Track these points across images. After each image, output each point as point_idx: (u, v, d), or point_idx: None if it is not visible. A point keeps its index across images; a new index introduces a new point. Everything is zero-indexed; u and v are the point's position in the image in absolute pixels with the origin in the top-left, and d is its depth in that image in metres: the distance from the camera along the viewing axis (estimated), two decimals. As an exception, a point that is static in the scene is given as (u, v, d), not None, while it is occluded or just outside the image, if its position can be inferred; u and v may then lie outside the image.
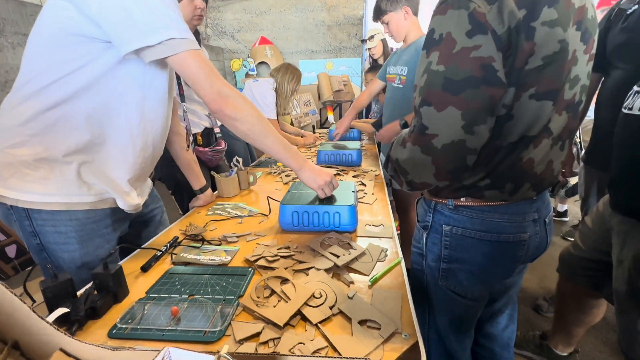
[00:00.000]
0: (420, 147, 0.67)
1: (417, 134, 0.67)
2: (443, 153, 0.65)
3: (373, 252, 0.89)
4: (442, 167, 0.66)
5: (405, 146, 0.71)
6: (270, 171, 1.76)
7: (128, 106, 0.84)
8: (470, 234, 0.77)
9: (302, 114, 3.31)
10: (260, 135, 0.89)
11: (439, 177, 0.68)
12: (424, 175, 0.69)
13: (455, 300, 0.84)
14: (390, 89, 1.79)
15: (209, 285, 0.76)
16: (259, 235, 1.02)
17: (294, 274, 0.79)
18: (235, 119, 0.85)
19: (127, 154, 0.89)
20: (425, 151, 0.66)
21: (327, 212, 1.00)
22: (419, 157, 0.68)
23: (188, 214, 1.24)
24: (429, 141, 0.65)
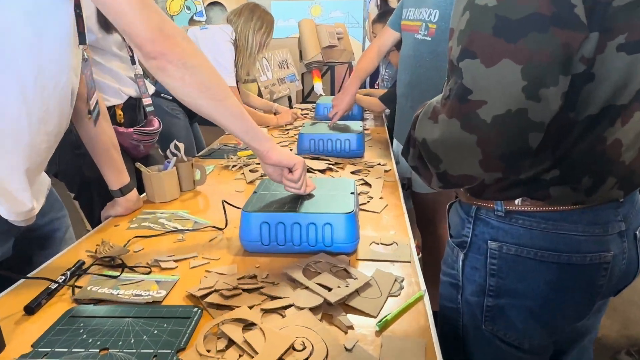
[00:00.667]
0: (460, 120, 0.67)
1: (456, 101, 0.67)
2: (494, 129, 0.65)
3: (382, 283, 0.89)
4: (493, 151, 0.67)
5: (436, 120, 0.71)
6: (227, 164, 1.76)
7: (16, 50, 0.83)
8: (529, 254, 0.78)
9: (276, 81, 3.31)
10: (217, 97, 0.91)
11: (488, 165, 0.68)
12: (465, 164, 0.70)
13: (505, 353, 0.85)
14: (410, 43, 1.81)
15: (131, 334, 0.75)
16: (209, 259, 1.02)
17: (264, 316, 0.79)
18: (185, 66, 0.86)
19: (20, 130, 0.88)
20: (467, 127, 0.67)
21: (313, 223, 1.00)
22: (458, 136, 0.68)
23: (100, 227, 1.23)
24: (474, 111, 0.65)
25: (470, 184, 0.74)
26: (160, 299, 0.86)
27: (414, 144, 0.79)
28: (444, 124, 0.70)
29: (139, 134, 1.56)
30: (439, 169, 0.73)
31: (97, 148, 1.20)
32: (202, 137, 2.54)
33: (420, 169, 0.80)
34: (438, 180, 0.76)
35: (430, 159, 0.74)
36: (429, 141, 0.73)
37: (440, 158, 0.72)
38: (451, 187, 0.77)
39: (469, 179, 0.73)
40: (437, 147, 0.72)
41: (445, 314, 0.94)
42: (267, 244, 1.02)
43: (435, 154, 0.72)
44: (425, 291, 0.88)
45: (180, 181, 1.44)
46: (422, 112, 0.77)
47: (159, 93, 2.06)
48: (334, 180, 1.24)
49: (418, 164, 0.80)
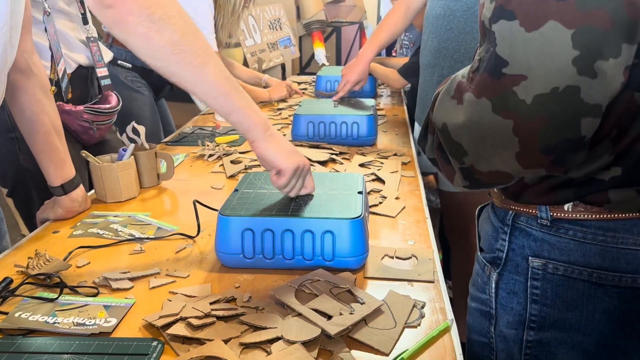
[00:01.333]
0: (491, 101, 0.67)
1: (487, 75, 0.68)
2: (536, 112, 0.65)
3: (397, 310, 0.88)
4: (534, 141, 0.66)
5: (461, 100, 0.72)
6: (201, 153, 1.76)
7: None
8: (582, 275, 0.78)
9: (266, 46, 3.29)
10: (194, 61, 0.91)
11: (528, 160, 0.68)
12: (497, 158, 0.70)
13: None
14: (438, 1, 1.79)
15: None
16: (175, 277, 1.01)
17: (244, 352, 0.79)
18: (151, 19, 0.85)
19: None
20: (501, 109, 0.67)
21: (309, 230, 0.99)
22: (489, 122, 0.68)
23: (34, 234, 1.22)
24: (510, 89, 0.65)
25: (504, 183, 0.74)
26: (109, 329, 0.84)
27: (432, 129, 0.78)
28: (471, 105, 0.70)
29: (92, 112, 1.56)
30: (463, 163, 0.74)
31: (33, 131, 1.19)
32: (170, 117, 2.54)
33: (440, 162, 0.80)
34: (462, 178, 0.76)
35: (452, 151, 0.74)
36: (450, 127, 0.73)
37: (464, 149, 0.72)
38: (479, 187, 0.77)
39: (502, 177, 0.72)
40: (461, 135, 0.72)
41: (474, 350, 0.94)
42: (251, 258, 1.01)
43: (458, 144, 0.73)
44: (453, 321, 0.87)
45: (140, 175, 1.43)
46: (444, 90, 0.76)
47: (115, 60, 2.05)
48: (337, 175, 1.22)
49: (437, 156, 0.80)
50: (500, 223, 0.86)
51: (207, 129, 2.11)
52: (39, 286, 0.97)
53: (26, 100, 1.17)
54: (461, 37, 1.72)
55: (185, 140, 1.95)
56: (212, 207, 1.22)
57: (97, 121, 1.59)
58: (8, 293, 0.93)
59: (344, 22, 4.12)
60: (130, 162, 1.37)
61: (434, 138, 0.81)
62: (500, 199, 0.85)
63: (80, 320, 0.86)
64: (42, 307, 0.90)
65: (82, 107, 1.55)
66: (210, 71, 0.94)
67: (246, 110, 1.00)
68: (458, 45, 1.73)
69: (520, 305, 0.83)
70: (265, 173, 1.22)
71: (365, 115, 1.78)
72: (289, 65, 3.57)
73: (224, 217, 1.01)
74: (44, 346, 0.80)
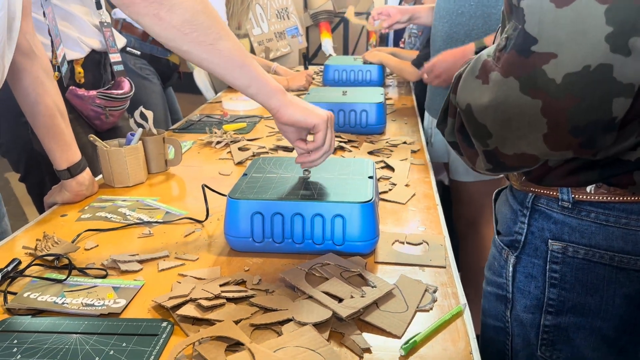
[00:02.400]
0: (519, 80, 0.66)
1: (515, 53, 0.67)
2: (566, 92, 0.64)
3: (409, 294, 0.88)
4: (563, 122, 0.65)
5: (487, 79, 0.70)
6: (209, 140, 1.76)
7: None
8: (603, 258, 0.77)
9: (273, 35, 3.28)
10: (207, 39, 0.91)
11: (556, 141, 0.67)
12: (524, 139, 0.69)
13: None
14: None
15: (80, 355, 0.74)
16: (184, 260, 1.01)
17: (254, 333, 0.78)
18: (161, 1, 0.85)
19: None
20: (529, 89, 0.66)
21: (319, 214, 0.98)
22: (516, 102, 0.67)
23: (42, 217, 1.22)
24: (539, 68, 0.64)
25: (528, 166, 0.73)
26: (118, 310, 0.84)
27: (453, 112, 0.78)
28: (497, 84, 0.68)
29: (104, 98, 1.56)
30: (487, 145, 0.72)
31: (37, 114, 1.19)
32: (178, 106, 2.53)
33: (462, 145, 0.79)
34: (486, 161, 0.75)
35: (476, 132, 0.73)
36: (475, 108, 0.72)
37: (489, 131, 0.71)
38: (503, 170, 0.76)
39: (528, 160, 0.71)
40: (486, 116, 0.71)
41: (488, 335, 0.93)
42: (260, 241, 1.00)
43: (482, 125, 0.71)
44: (466, 305, 0.87)
45: (148, 160, 1.42)
46: (468, 69, 0.75)
47: (124, 47, 2.05)
48: (347, 160, 1.21)
49: (459, 139, 0.79)
50: (519, 206, 0.85)
51: (215, 117, 2.10)
52: (47, 268, 0.97)
53: (29, 82, 1.16)
54: (472, 21, 1.71)
55: (193, 127, 1.94)
56: (221, 192, 1.22)
57: (109, 106, 1.59)
58: (16, 274, 0.93)
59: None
60: (138, 146, 1.36)
61: (454, 121, 0.79)
62: (519, 181, 0.84)
63: (89, 301, 0.86)
64: (51, 288, 0.90)
65: (95, 92, 1.55)
66: (223, 46, 0.93)
67: (263, 81, 0.99)
68: (469, 29, 1.72)
69: (538, 289, 0.82)
70: (274, 158, 1.21)
71: (375, 103, 1.77)
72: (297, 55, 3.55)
73: (233, 200, 1.00)
74: (52, 326, 0.80)
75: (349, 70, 2.45)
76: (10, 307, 0.85)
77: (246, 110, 2.19)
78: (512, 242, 0.86)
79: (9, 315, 0.84)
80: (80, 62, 1.55)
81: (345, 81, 2.45)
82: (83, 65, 1.55)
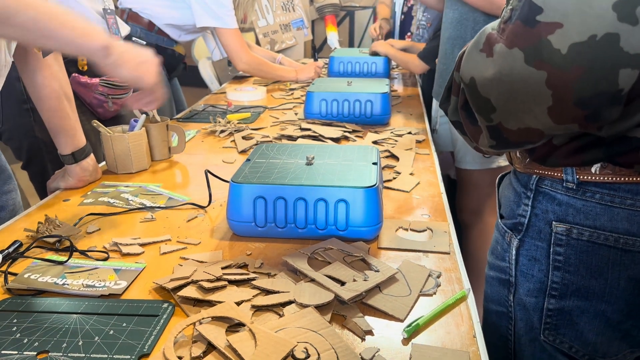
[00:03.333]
0: (524, 51, 0.65)
1: (520, 24, 0.66)
2: (572, 63, 0.63)
3: (412, 278, 0.87)
4: (569, 94, 0.64)
5: (491, 52, 0.70)
6: (213, 129, 1.75)
7: None
8: (608, 240, 0.76)
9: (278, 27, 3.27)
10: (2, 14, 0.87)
11: (561, 114, 0.66)
12: (528, 113, 0.68)
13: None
14: None
15: (79, 335, 0.74)
16: (186, 244, 1.00)
17: (255, 314, 0.78)
18: None
19: None
20: (534, 60, 0.65)
21: (323, 199, 0.97)
22: (521, 74, 0.66)
23: (44, 201, 1.22)
24: (544, 38, 0.63)
25: (532, 141, 0.73)
26: (119, 291, 0.84)
27: (457, 90, 0.77)
28: (502, 56, 0.68)
29: (107, 85, 1.56)
30: (490, 120, 0.72)
31: (44, 97, 1.18)
32: (183, 97, 2.53)
33: (465, 123, 0.78)
34: (489, 137, 0.74)
35: (479, 107, 0.73)
36: (479, 81, 0.71)
37: (493, 105, 0.70)
38: (506, 146, 0.75)
39: (532, 135, 0.71)
40: (490, 90, 0.70)
41: (491, 320, 0.93)
42: (263, 226, 1.00)
43: (486, 99, 0.71)
44: (470, 290, 0.86)
45: (151, 147, 1.42)
46: (472, 43, 0.74)
47: (130, 36, 2.05)
48: (351, 147, 1.20)
49: (462, 116, 0.78)
50: (522, 188, 0.84)
51: (219, 107, 2.09)
52: (48, 250, 0.97)
53: (37, 65, 1.16)
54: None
55: (197, 117, 1.94)
56: (224, 179, 1.21)
57: (112, 94, 1.59)
58: (17, 254, 0.93)
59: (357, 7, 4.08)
60: (142, 133, 1.36)
61: (457, 99, 0.79)
62: (523, 163, 0.83)
63: (90, 282, 0.86)
64: (52, 270, 0.90)
65: (98, 80, 1.55)
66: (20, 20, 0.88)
67: (75, 41, 0.95)
68: (480, 14, 1.71)
69: (542, 272, 0.82)
70: (277, 144, 1.21)
71: (379, 93, 1.76)
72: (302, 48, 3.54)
73: (236, 185, 0.99)
74: (53, 306, 0.80)
75: (354, 62, 2.45)
76: (10, 287, 0.84)
77: (250, 101, 2.19)
78: (515, 225, 0.85)
79: (9, 295, 0.84)
80: None
81: (350, 73, 2.44)
82: None
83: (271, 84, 2.52)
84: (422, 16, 2.70)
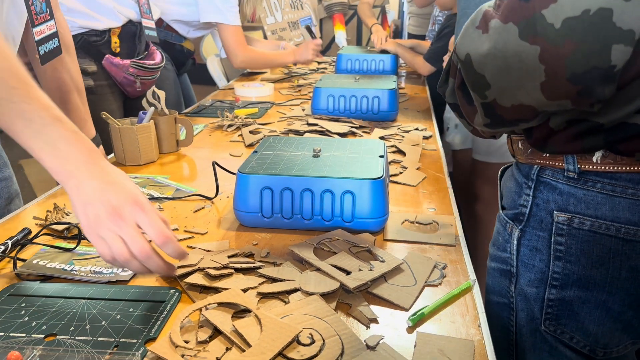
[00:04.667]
0: (518, 25, 0.65)
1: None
2: (565, 37, 0.63)
3: (417, 269, 0.88)
4: (561, 69, 0.64)
5: (486, 29, 0.70)
6: (220, 123, 1.76)
7: None
8: (610, 230, 0.76)
9: (286, 24, 3.27)
10: None
11: (553, 89, 0.66)
12: (521, 89, 0.68)
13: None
14: None
15: (87, 319, 0.74)
16: (193, 233, 1.01)
17: (261, 301, 0.78)
18: None
19: None
20: (528, 34, 0.65)
21: (329, 190, 0.98)
22: (515, 49, 0.66)
23: (53, 191, 1.23)
24: (538, 12, 0.64)
25: (526, 119, 0.73)
26: (126, 278, 0.84)
27: (455, 71, 0.77)
28: (497, 31, 0.68)
29: (137, 67, 1.61)
30: (485, 97, 0.72)
31: (54, 89, 1.19)
32: (192, 93, 2.54)
33: (461, 103, 0.79)
34: (484, 115, 0.74)
35: (474, 84, 0.73)
36: (474, 57, 0.71)
37: (487, 82, 0.71)
38: (501, 125, 0.75)
39: (525, 112, 0.71)
40: (484, 66, 0.70)
41: (492, 312, 0.92)
42: (269, 217, 1.00)
43: (481, 75, 0.71)
44: (475, 281, 0.86)
45: (160, 140, 1.42)
46: (469, 21, 0.75)
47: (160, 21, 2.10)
48: (358, 141, 1.21)
49: (459, 96, 0.79)
50: (524, 178, 0.84)
51: (226, 102, 2.10)
52: (56, 237, 0.97)
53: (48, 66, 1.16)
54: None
55: (205, 111, 1.94)
56: (232, 171, 1.21)
57: (141, 76, 1.64)
58: (26, 241, 0.94)
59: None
60: (150, 125, 1.36)
61: (455, 81, 0.79)
62: (525, 154, 0.83)
63: (98, 269, 0.86)
64: (60, 256, 0.90)
65: (129, 62, 1.60)
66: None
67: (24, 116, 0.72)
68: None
69: (543, 262, 0.82)
70: (284, 137, 1.21)
71: (387, 90, 1.76)
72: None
73: (243, 175, 1.00)
74: (61, 291, 0.80)
75: (362, 59, 2.44)
76: (19, 273, 0.85)
77: (258, 97, 2.19)
78: (516, 215, 0.85)
79: (18, 280, 0.84)
80: (117, 32, 1.58)
81: (358, 70, 2.44)
82: (119, 35, 1.60)
83: (278, 80, 2.52)
84: (439, 14, 2.70)
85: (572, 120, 0.72)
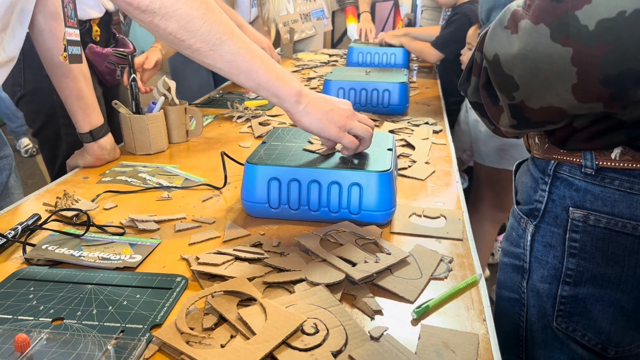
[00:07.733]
0: (550, 27, 0.65)
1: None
2: (599, 39, 0.62)
3: (423, 262, 0.88)
4: (594, 71, 0.63)
5: (516, 29, 0.69)
6: (230, 115, 1.76)
7: None
8: (626, 228, 0.75)
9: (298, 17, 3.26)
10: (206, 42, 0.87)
11: (585, 92, 0.66)
12: (551, 91, 0.67)
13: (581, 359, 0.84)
14: None
15: (94, 304, 0.75)
16: (201, 222, 1.01)
17: (267, 290, 0.79)
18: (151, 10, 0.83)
19: None
20: (560, 36, 0.64)
21: (336, 182, 0.98)
22: (546, 50, 0.65)
23: (63, 178, 1.24)
24: (571, 13, 0.63)
25: (554, 121, 0.72)
26: (133, 264, 0.85)
27: (478, 70, 0.76)
28: (527, 32, 0.67)
29: (118, 55, 1.62)
30: (512, 99, 0.71)
31: (61, 76, 1.20)
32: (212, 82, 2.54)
33: (486, 102, 0.78)
34: (510, 116, 0.73)
35: (502, 85, 0.72)
36: (502, 58, 0.70)
37: (516, 83, 0.70)
38: (527, 126, 0.74)
39: (554, 114, 0.70)
40: (513, 67, 0.69)
41: (503, 306, 0.92)
42: (276, 207, 1.00)
43: (510, 76, 0.70)
44: (482, 275, 0.85)
45: (170, 129, 1.43)
46: (496, 21, 0.74)
47: None
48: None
49: (483, 95, 0.77)
50: (540, 174, 0.83)
51: (236, 93, 2.10)
52: (66, 224, 0.98)
53: (54, 44, 1.17)
54: None
55: (214, 103, 1.95)
56: (240, 162, 1.22)
57: (120, 64, 1.65)
58: (36, 227, 0.95)
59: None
60: (160, 115, 1.37)
61: (478, 79, 0.78)
62: (542, 149, 0.82)
63: (106, 255, 0.87)
64: (69, 242, 0.91)
65: (110, 50, 1.61)
66: (226, 50, 0.89)
67: (273, 84, 0.94)
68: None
69: (557, 258, 0.81)
70: (293, 129, 1.21)
71: (397, 83, 1.75)
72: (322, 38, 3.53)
73: (251, 165, 1.00)
74: (69, 276, 0.81)
75: (374, 52, 2.44)
76: (28, 257, 0.86)
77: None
78: (531, 210, 0.84)
79: (27, 265, 0.85)
80: (97, 21, 1.60)
81: (369, 64, 2.44)
82: (98, 24, 1.61)
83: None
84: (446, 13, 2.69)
85: (596, 119, 0.72)
